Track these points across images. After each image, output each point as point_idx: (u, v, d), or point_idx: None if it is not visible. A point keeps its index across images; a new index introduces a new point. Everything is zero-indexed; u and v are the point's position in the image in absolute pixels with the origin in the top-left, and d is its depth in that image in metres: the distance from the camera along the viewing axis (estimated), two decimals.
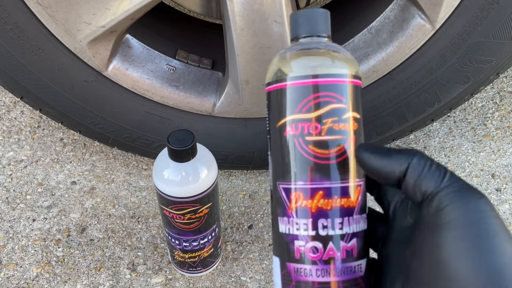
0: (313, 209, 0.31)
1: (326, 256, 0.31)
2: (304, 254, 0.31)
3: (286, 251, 0.32)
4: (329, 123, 0.31)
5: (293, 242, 0.32)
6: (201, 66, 0.72)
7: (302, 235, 0.31)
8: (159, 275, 0.70)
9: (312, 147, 0.31)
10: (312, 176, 0.31)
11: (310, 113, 0.31)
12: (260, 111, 0.71)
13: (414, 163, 0.29)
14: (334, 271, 0.31)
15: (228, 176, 0.85)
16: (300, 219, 0.31)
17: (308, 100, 0.31)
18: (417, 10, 0.64)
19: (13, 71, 0.67)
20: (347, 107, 0.32)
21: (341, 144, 0.31)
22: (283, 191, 0.32)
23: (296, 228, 0.31)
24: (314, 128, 0.31)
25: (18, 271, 0.69)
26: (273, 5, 0.59)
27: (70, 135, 0.88)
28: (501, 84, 0.98)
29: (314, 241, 0.31)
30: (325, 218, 0.31)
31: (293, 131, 0.32)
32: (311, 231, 0.31)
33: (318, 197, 0.31)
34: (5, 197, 0.78)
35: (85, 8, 0.60)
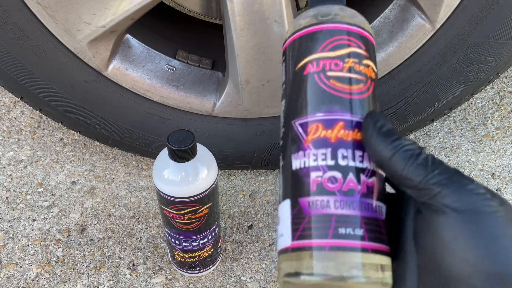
0: (333, 139, 0.30)
1: (346, 187, 0.29)
2: (321, 185, 0.29)
3: (299, 187, 0.30)
4: (351, 62, 0.32)
5: (308, 174, 0.30)
6: (201, 66, 0.72)
7: (320, 165, 0.29)
8: (159, 275, 0.70)
9: (333, 81, 0.31)
10: (333, 108, 0.31)
11: (332, 52, 0.32)
12: (260, 111, 0.71)
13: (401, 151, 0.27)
14: (355, 204, 0.29)
15: (228, 176, 0.85)
16: (318, 150, 0.30)
17: (330, 41, 0.32)
18: (417, 10, 0.64)
19: (13, 71, 0.67)
20: (366, 56, 0.32)
21: (361, 84, 0.31)
22: (300, 126, 0.32)
23: (313, 159, 0.30)
24: (336, 64, 0.32)
25: (18, 271, 0.69)
26: (273, 5, 0.59)
27: (70, 135, 0.88)
28: (501, 84, 0.98)
29: (333, 171, 0.29)
30: (345, 149, 0.30)
31: (314, 68, 0.32)
32: (330, 160, 0.29)
33: (338, 128, 0.30)
34: (5, 197, 0.78)
35: (85, 8, 0.60)
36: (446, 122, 0.93)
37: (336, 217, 0.28)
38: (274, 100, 0.69)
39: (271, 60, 0.64)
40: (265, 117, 0.72)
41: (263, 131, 0.73)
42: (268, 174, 0.85)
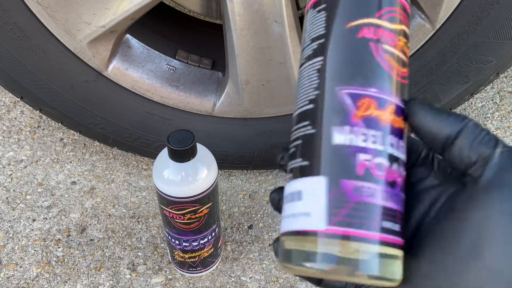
0: (384, 122, 0.27)
1: (391, 177, 0.27)
2: (369, 171, 0.26)
3: (343, 166, 0.27)
4: (403, 42, 0.29)
5: (355, 155, 0.26)
6: (201, 66, 0.72)
7: (370, 148, 0.27)
8: (159, 275, 0.70)
9: (388, 57, 0.28)
10: (385, 87, 0.28)
11: (390, 23, 0.29)
12: (260, 111, 0.71)
13: (469, 127, 0.26)
14: (396, 197, 0.27)
15: (228, 176, 0.85)
16: (369, 130, 0.27)
17: (390, 10, 0.29)
18: (417, 10, 0.64)
19: (13, 71, 0.67)
20: (409, 36, 0.30)
21: (406, 68, 0.29)
22: (349, 96, 0.28)
23: (363, 139, 0.27)
24: (392, 39, 0.28)
25: (18, 271, 0.69)
26: (273, 5, 0.59)
27: (70, 135, 0.88)
28: (501, 84, 0.98)
29: (382, 158, 0.27)
30: (394, 136, 0.27)
31: (371, 34, 0.28)
32: (380, 145, 0.27)
33: (391, 111, 0.27)
34: (5, 197, 0.78)
35: (85, 8, 0.60)
36: None
37: (383, 209, 0.26)
38: (274, 100, 0.69)
39: (271, 60, 0.64)
40: (265, 117, 0.72)
41: (263, 131, 0.73)
42: (268, 174, 0.85)
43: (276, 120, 0.72)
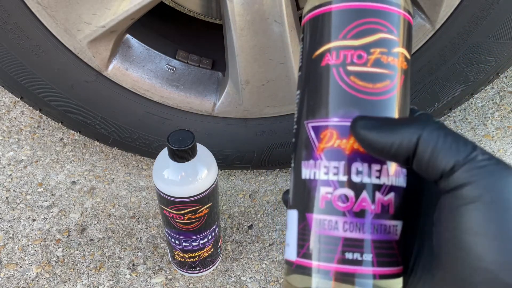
0: (348, 151, 0.26)
1: (358, 207, 0.26)
2: (331, 203, 0.26)
3: (307, 200, 0.27)
4: (377, 53, 0.26)
5: (318, 189, 0.27)
6: (201, 66, 0.72)
7: (331, 180, 0.26)
8: (159, 275, 0.70)
9: (354, 79, 0.26)
10: (351, 112, 0.26)
11: (355, 40, 0.27)
12: (260, 111, 0.71)
13: (425, 137, 0.24)
14: (366, 227, 0.26)
15: (228, 176, 0.85)
16: (330, 162, 0.26)
17: (355, 25, 0.27)
18: (417, 10, 0.64)
19: (13, 71, 0.67)
20: (398, 41, 0.27)
21: (388, 80, 0.26)
22: (312, 130, 0.27)
23: (324, 172, 0.26)
24: (359, 57, 0.26)
25: (18, 271, 0.69)
26: (273, 5, 0.59)
27: (70, 135, 0.88)
28: (501, 84, 0.98)
29: (345, 188, 0.26)
30: (361, 162, 0.26)
31: (334, 60, 0.27)
32: (343, 175, 0.26)
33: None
34: (5, 197, 0.78)
35: (85, 8, 0.60)
36: (446, 122, 0.93)
37: (344, 240, 0.26)
38: (274, 100, 0.69)
39: (271, 60, 0.64)
40: (265, 117, 0.72)
41: (263, 131, 0.73)
42: (268, 174, 0.85)
43: (276, 120, 0.72)
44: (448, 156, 0.23)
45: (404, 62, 0.27)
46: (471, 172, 0.22)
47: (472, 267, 0.22)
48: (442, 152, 0.23)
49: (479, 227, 0.22)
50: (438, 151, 0.23)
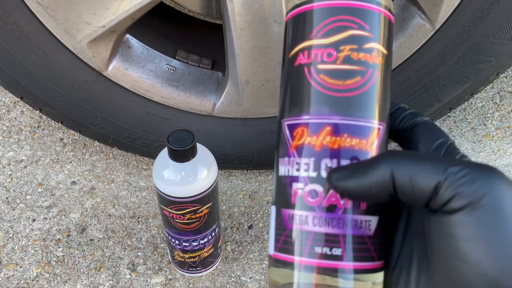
0: (317, 147, 0.27)
1: (327, 202, 0.26)
2: (302, 198, 0.27)
3: (282, 196, 0.28)
4: (347, 50, 0.27)
5: (291, 184, 0.27)
6: (201, 66, 0.72)
7: (302, 177, 0.27)
8: (159, 275, 0.70)
9: (323, 77, 0.27)
10: (320, 109, 0.27)
11: (325, 39, 0.27)
12: (260, 111, 0.71)
13: (399, 170, 0.24)
14: (334, 221, 0.26)
15: (228, 176, 0.85)
16: (301, 159, 0.27)
17: (324, 24, 0.27)
18: (417, 10, 0.64)
19: (13, 71, 0.67)
20: (371, 36, 0.27)
21: (358, 76, 0.27)
22: (287, 128, 0.28)
23: (296, 168, 0.27)
24: (329, 55, 0.27)
25: (18, 271, 0.69)
26: (273, 5, 0.59)
27: (70, 135, 0.88)
28: (501, 84, 0.98)
29: (315, 184, 0.27)
30: (330, 158, 0.26)
31: (305, 59, 0.28)
32: (312, 171, 0.27)
33: (325, 134, 0.27)
34: (5, 197, 0.78)
35: (85, 8, 0.60)
36: (446, 122, 0.93)
37: (314, 234, 0.26)
38: (274, 100, 0.69)
39: (271, 60, 0.64)
40: (265, 117, 0.72)
41: (263, 131, 0.73)
42: (268, 174, 0.85)
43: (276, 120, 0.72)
44: (428, 180, 0.23)
45: (379, 57, 0.27)
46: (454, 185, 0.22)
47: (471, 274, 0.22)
48: (420, 178, 0.23)
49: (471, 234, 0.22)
50: (416, 179, 0.23)
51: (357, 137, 0.27)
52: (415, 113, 0.30)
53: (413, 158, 0.24)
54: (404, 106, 0.30)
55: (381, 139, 0.28)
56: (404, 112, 0.30)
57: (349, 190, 0.25)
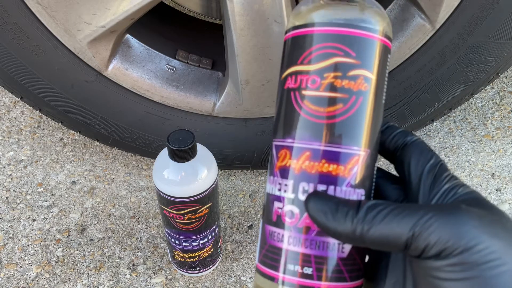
0: (296, 170, 0.28)
1: (302, 224, 0.28)
2: (280, 217, 0.29)
3: (266, 212, 0.30)
4: (331, 78, 0.27)
5: (273, 203, 0.29)
6: (201, 66, 0.72)
7: (282, 197, 0.29)
8: (159, 275, 0.70)
9: (307, 102, 0.28)
10: (301, 134, 0.28)
11: (311, 65, 0.28)
12: (260, 111, 0.71)
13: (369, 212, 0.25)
14: (307, 242, 0.28)
15: (228, 176, 0.85)
16: (282, 179, 0.29)
17: (311, 51, 0.28)
18: (417, 10, 0.64)
19: (13, 71, 0.67)
20: (357, 63, 0.27)
21: (340, 104, 0.27)
22: (274, 148, 0.30)
23: (278, 188, 0.29)
24: (313, 82, 0.28)
25: (18, 271, 0.69)
26: (273, 5, 0.59)
27: (70, 135, 0.88)
28: (501, 84, 0.98)
29: (292, 205, 0.28)
30: (307, 182, 0.28)
31: (293, 84, 0.29)
32: (291, 193, 0.28)
33: (304, 158, 0.28)
34: (5, 197, 0.78)
35: (85, 8, 0.60)
36: (446, 122, 0.93)
37: (288, 252, 0.28)
38: (274, 100, 0.69)
39: (271, 60, 0.64)
40: (265, 117, 0.72)
41: (263, 131, 0.73)
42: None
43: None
44: (398, 236, 0.24)
45: (365, 84, 0.28)
46: (423, 236, 0.24)
47: None
48: (394, 229, 0.24)
49: (449, 275, 0.23)
50: (389, 231, 0.24)
51: (335, 163, 0.28)
52: (406, 132, 0.31)
53: (386, 210, 0.25)
54: (393, 125, 0.31)
55: (363, 164, 0.28)
56: (394, 130, 0.31)
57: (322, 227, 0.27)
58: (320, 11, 0.28)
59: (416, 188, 0.28)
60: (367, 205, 0.25)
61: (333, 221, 0.26)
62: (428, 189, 0.28)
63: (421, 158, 0.29)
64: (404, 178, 0.30)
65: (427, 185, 0.28)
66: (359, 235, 0.25)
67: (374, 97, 0.28)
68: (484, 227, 0.23)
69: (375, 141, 0.29)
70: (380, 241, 0.25)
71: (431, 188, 0.27)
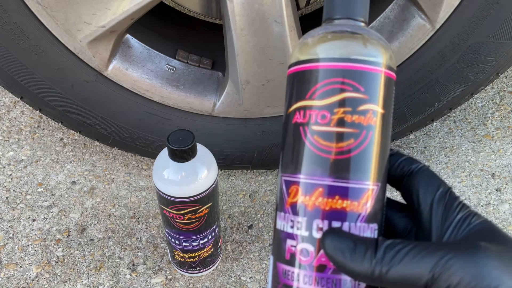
0: (309, 207, 0.28)
1: (317, 262, 0.27)
2: (294, 256, 0.28)
3: (278, 250, 0.29)
4: (341, 113, 0.27)
5: (285, 240, 0.29)
6: (201, 66, 0.72)
7: (295, 234, 0.28)
8: (159, 275, 0.70)
9: (317, 138, 0.28)
10: (313, 170, 0.28)
11: (320, 100, 0.28)
12: (260, 111, 0.71)
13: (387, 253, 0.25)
14: (323, 281, 0.27)
15: (228, 176, 0.85)
16: (295, 216, 0.28)
17: (320, 86, 0.28)
18: (417, 10, 0.64)
19: (13, 71, 0.67)
20: (366, 98, 0.28)
21: (351, 139, 0.27)
22: (284, 183, 0.29)
23: (290, 225, 0.28)
24: (323, 117, 0.28)
25: (18, 271, 0.69)
26: (273, 5, 0.59)
27: (70, 135, 0.88)
28: (501, 84, 0.98)
29: (306, 243, 0.28)
30: (321, 219, 0.27)
31: (301, 119, 0.28)
32: (305, 231, 0.28)
33: (317, 195, 0.28)
34: (5, 197, 0.78)
35: (85, 8, 0.60)
36: (446, 122, 0.93)
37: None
38: (274, 100, 0.69)
39: (271, 60, 0.64)
40: (265, 117, 0.72)
41: (263, 131, 0.73)
42: (268, 174, 0.85)
43: (276, 120, 0.72)
44: (421, 270, 0.24)
45: (373, 118, 0.28)
46: (447, 274, 0.24)
47: None
48: (413, 270, 0.24)
49: None
50: (408, 272, 0.24)
51: (349, 199, 0.27)
52: (411, 159, 0.31)
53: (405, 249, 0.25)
54: (398, 151, 0.31)
55: (375, 199, 0.28)
56: (400, 158, 0.31)
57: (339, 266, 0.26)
58: (324, 45, 0.28)
59: (428, 217, 0.28)
60: (385, 245, 0.25)
61: (351, 260, 0.25)
62: (440, 219, 0.28)
63: (429, 187, 0.29)
64: (413, 206, 0.29)
65: (438, 214, 0.28)
66: (378, 276, 0.25)
67: (383, 130, 0.28)
68: (504, 267, 0.23)
69: (384, 174, 0.29)
70: (399, 282, 0.25)
71: (443, 218, 0.27)
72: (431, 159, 0.87)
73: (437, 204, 0.28)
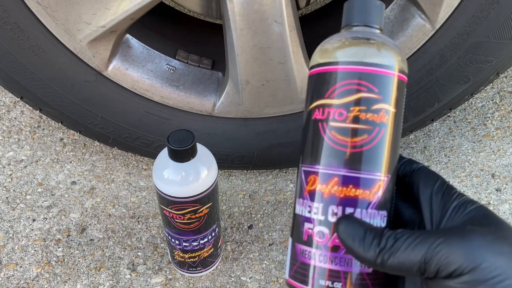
0: (326, 194, 0.31)
1: (332, 243, 0.31)
2: (311, 237, 0.32)
3: (297, 232, 0.33)
4: (356, 111, 0.31)
5: (303, 224, 0.32)
6: (201, 66, 0.72)
7: (312, 218, 0.32)
8: (159, 275, 0.70)
9: (334, 133, 0.31)
10: (330, 162, 0.31)
11: (337, 99, 0.31)
12: (260, 111, 0.71)
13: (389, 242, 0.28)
14: (336, 260, 0.31)
15: (228, 176, 0.85)
16: (312, 202, 0.32)
17: (338, 86, 0.31)
18: (417, 10, 0.64)
19: (13, 71, 0.67)
20: (379, 98, 0.31)
21: (365, 134, 0.31)
22: (303, 173, 0.33)
23: (308, 210, 0.32)
24: (340, 114, 0.31)
25: (18, 271, 0.69)
26: (273, 5, 0.59)
27: (70, 135, 0.88)
28: (501, 84, 0.98)
29: (322, 226, 0.31)
30: (336, 205, 0.31)
31: (320, 115, 0.32)
32: (321, 215, 0.31)
33: (332, 183, 0.31)
34: (5, 197, 0.78)
35: (85, 8, 0.60)
36: (446, 122, 0.93)
37: (319, 269, 0.31)
38: (274, 100, 0.69)
39: (271, 60, 0.64)
40: (265, 117, 0.72)
41: (263, 131, 0.73)
42: (268, 174, 0.85)
43: (276, 120, 0.72)
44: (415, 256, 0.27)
45: (386, 116, 0.31)
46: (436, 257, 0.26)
47: None
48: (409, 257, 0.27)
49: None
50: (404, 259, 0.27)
51: (361, 188, 0.31)
52: (411, 160, 0.34)
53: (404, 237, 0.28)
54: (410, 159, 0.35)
55: (385, 189, 0.32)
56: (401, 160, 0.34)
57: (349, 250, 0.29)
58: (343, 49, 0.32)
59: (428, 207, 0.30)
60: (387, 235, 0.28)
61: (359, 247, 0.28)
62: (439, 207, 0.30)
63: (428, 181, 0.31)
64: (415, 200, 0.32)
65: (437, 203, 0.30)
66: (380, 263, 0.28)
67: (394, 128, 0.32)
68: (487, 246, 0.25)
69: (394, 167, 0.32)
70: (397, 268, 0.27)
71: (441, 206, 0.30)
72: (431, 159, 0.87)
73: (436, 195, 0.30)
